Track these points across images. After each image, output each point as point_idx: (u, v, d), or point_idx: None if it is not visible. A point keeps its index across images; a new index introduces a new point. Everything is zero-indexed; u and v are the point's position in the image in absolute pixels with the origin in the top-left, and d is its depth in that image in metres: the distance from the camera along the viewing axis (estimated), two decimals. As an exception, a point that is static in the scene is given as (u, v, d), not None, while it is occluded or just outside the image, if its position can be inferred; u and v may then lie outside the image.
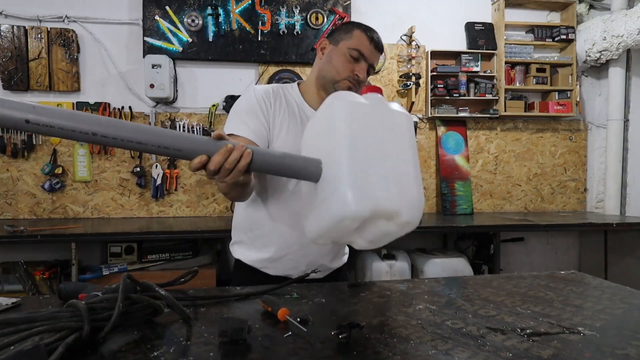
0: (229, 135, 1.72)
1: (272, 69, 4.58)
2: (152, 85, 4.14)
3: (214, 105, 4.45)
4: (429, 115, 4.81)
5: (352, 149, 1.18)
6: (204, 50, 4.44)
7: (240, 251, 1.99)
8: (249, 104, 1.85)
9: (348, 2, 4.60)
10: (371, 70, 1.90)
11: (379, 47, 1.89)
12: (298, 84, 2.01)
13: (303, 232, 1.65)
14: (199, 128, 4.43)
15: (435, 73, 4.78)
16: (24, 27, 4.18)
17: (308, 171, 1.26)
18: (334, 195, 1.17)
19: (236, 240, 2.04)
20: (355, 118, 1.22)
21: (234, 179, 1.23)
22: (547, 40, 4.98)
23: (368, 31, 1.89)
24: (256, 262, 1.93)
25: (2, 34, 4.15)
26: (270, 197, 1.88)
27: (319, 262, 1.92)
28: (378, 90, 1.32)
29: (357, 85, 1.86)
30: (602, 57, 4.79)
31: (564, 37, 4.88)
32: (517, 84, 4.91)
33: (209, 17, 4.39)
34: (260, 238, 1.91)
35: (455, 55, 4.89)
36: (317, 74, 1.92)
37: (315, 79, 1.93)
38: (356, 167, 1.16)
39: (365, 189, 1.14)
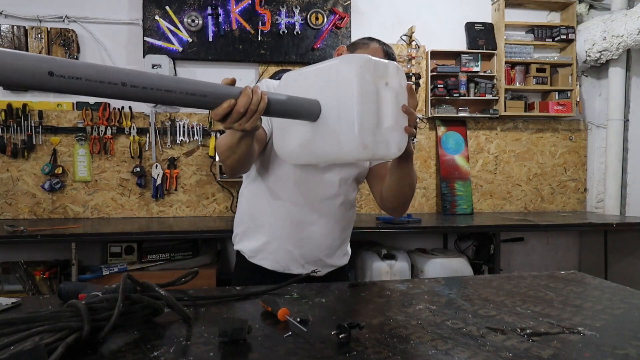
0: None
1: (272, 69, 4.58)
2: (152, 85, 4.13)
3: (214, 106, 4.44)
4: (429, 115, 4.81)
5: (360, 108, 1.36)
6: (204, 50, 4.44)
7: (242, 242, 2.02)
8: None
9: (348, 2, 4.60)
10: None
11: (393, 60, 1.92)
12: None
13: (300, 222, 1.88)
14: (199, 128, 4.43)
15: (435, 73, 4.78)
16: (24, 27, 4.18)
17: (310, 111, 1.43)
18: (344, 135, 1.40)
19: (237, 232, 2.07)
20: (362, 76, 1.37)
21: (255, 122, 1.31)
22: (547, 40, 4.98)
23: (384, 45, 1.95)
24: (255, 252, 1.96)
25: (2, 34, 4.15)
26: (271, 184, 1.93)
27: (315, 255, 1.94)
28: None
29: None
30: (602, 57, 4.79)
31: (564, 37, 4.88)
32: (517, 84, 4.91)
33: (209, 17, 4.39)
34: (260, 227, 1.96)
35: (455, 55, 4.89)
36: None
37: None
38: (361, 113, 1.36)
39: (369, 136, 1.40)
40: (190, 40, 4.40)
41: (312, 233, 1.92)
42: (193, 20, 4.36)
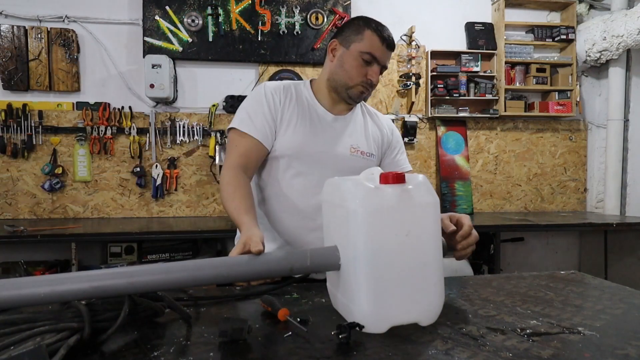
0: (232, 129, 1.84)
1: (272, 69, 4.58)
2: (152, 85, 4.14)
3: (214, 106, 4.45)
4: (429, 115, 4.81)
5: (370, 261, 1.15)
6: (204, 50, 4.44)
7: None
8: (257, 99, 1.86)
9: (348, 2, 4.60)
10: (383, 70, 1.87)
11: (391, 46, 1.85)
12: (311, 82, 2.01)
13: (301, 221, 1.83)
14: (199, 128, 4.43)
15: (435, 73, 4.79)
16: (24, 27, 4.19)
17: (329, 265, 1.27)
18: (354, 305, 1.19)
19: None
20: (374, 224, 1.16)
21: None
22: (547, 40, 4.98)
23: (379, 30, 1.83)
24: None
25: (2, 34, 4.15)
26: (270, 192, 1.90)
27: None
28: (401, 178, 1.20)
29: (369, 89, 1.86)
30: (602, 57, 4.79)
31: (564, 37, 4.88)
32: (517, 84, 4.91)
33: (209, 17, 4.39)
34: (265, 231, 1.85)
35: (455, 55, 4.89)
36: (329, 76, 1.91)
37: (327, 81, 1.92)
38: (373, 280, 1.16)
39: (382, 308, 1.16)
40: (190, 40, 4.40)
41: (315, 239, 1.78)
42: (193, 20, 4.36)
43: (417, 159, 4.89)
